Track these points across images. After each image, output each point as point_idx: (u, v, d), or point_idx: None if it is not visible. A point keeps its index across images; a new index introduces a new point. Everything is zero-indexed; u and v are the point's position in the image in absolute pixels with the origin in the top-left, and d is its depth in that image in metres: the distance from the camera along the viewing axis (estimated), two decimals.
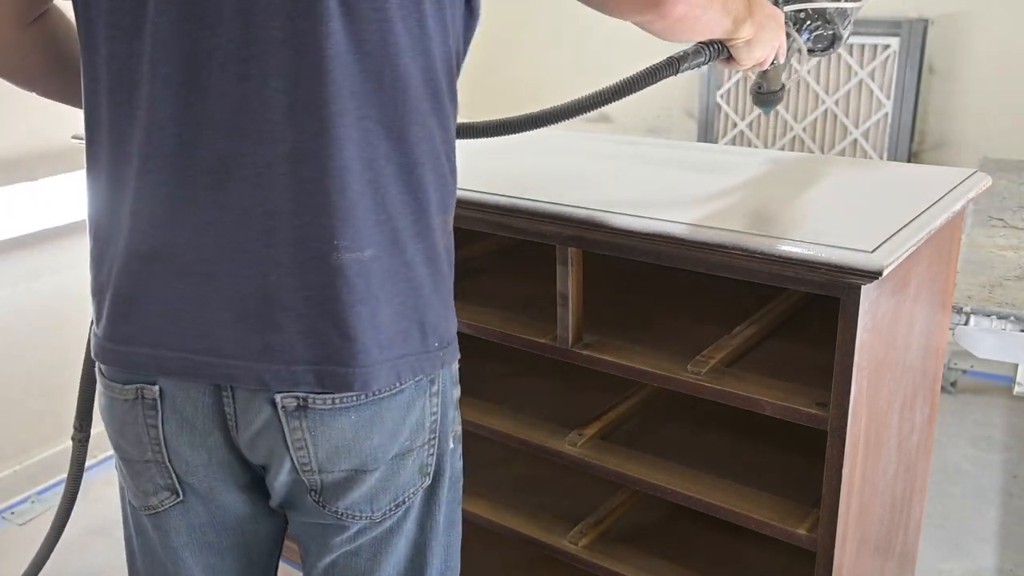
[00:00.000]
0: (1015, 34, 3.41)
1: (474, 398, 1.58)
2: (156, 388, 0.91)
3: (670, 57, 1.19)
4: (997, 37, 3.45)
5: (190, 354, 0.88)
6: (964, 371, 2.93)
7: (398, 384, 0.90)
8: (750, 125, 4.00)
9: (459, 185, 1.40)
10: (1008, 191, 2.84)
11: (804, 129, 3.88)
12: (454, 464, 1.05)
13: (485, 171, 1.50)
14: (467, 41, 0.97)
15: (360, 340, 0.86)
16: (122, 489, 1.04)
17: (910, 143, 3.61)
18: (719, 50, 1.20)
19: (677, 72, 1.19)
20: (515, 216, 1.32)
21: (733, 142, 4.04)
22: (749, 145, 4.00)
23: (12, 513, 2.35)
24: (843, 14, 1.37)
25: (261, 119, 0.83)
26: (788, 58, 1.35)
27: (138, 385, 0.92)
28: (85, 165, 0.93)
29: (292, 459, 0.91)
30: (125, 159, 0.88)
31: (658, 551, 1.49)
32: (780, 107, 3.87)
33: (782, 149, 3.99)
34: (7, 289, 2.28)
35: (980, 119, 3.56)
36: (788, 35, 1.31)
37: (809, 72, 3.78)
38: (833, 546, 1.18)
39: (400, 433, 0.93)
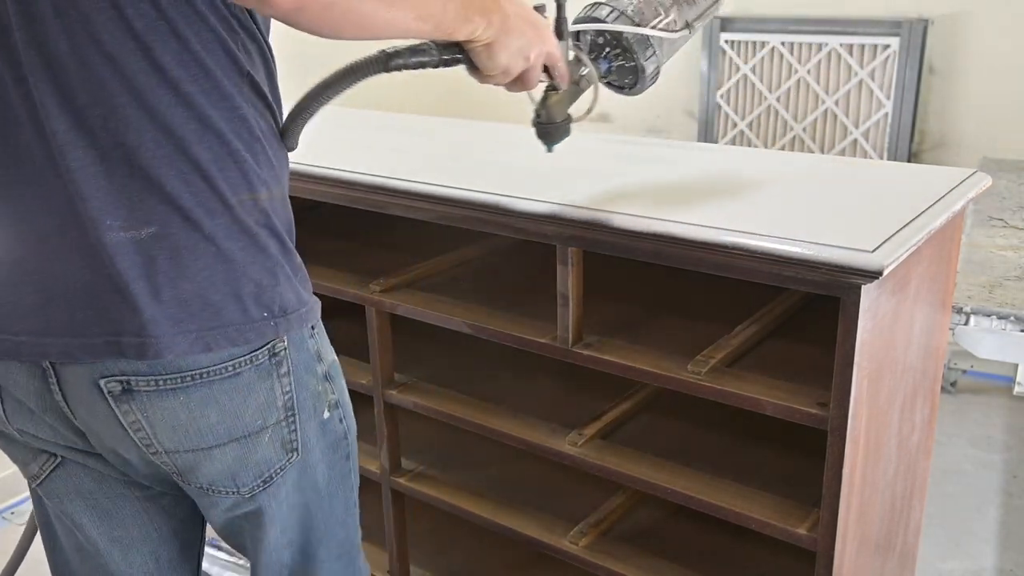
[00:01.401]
0: (1015, 34, 3.41)
1: (474, 398, 1.58)
2: None
3: (381, 50, 1.02)
4: (997, 37, 3.45)
5: (9, 335, 0.94)
6: (964, 371, 2.94)
7: (227, 364, 0.93)
8: (750, 125, 4.00)
9: (458, 185, 1.41)
10: (1008, 191, 2.84)
11: (804, 129, 3.88)
12: (332, 429, 1.06)
13: (485, 170, 1.50)
14: (259, 18, 0.96)
15: (147, 312, 0.90)
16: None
17: (910, 143, 3.61)
18: (453, 51, 1.02)
19: (387, 70, 1.02)
20: (515, 216, 1.32)
21: (733, 142, 4.04)
22: (749, 145, 3.99)
23: (12, 513, 2.35)
24: (643, 44, 1.17)
25: (35, 113, 0.88)
26: (579, 88, 1.18)
27: None
28: None
29: (134, 441, 0.95)
30: None
31: (658, 551, 1.49)
32: (780, 107, 3.87)
33: (782, 149, 3.99)
34: None
35: (980, 119, 3.56)
36: (580, 62, 1.17)
37: (809, 72, 3.78)
38: (833, 546, 1.18)
39: (243, 414, 0.96)
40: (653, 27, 1.16)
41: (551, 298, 1.34)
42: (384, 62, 1.01)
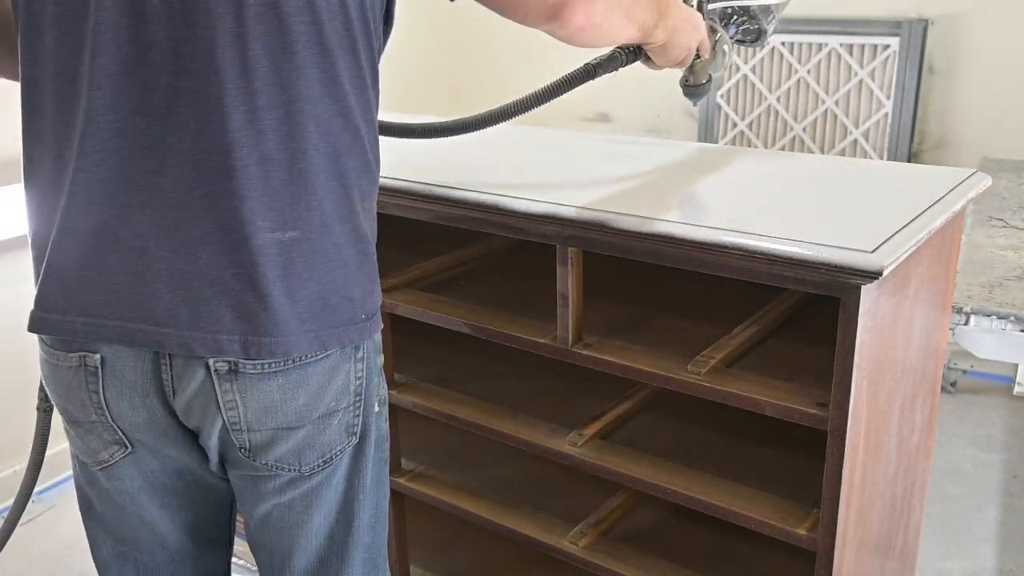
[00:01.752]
0: (1015, 34, 3.42)
1: (474, 398, 1.58)
2: (97, 356, 0.99)
3: (587, 64, 1.28)
4: (997, 37, 3.45)
5: (125, 322, 0.96)
6: (964, 371, 2.94)
7: (323, 351, 0.99)
8: (750, 125, 4.00)
9: (457, 185, 1.41)
10: (1008, 191, 2.84)
11: (804, 129, 3.88)
12: (379, 426, 1.12)
13: (485, 170, 1.50)
14: (386, 40, 1.06)
15: (280, 312, 0.95)
16: (72, 454, 1.12)
17: (910, 143, 3.61)
18: (636, 54, 1.28)
19: (594, 77, 1.28)
20: (515, 216, 1.32)
21: (733, 142, 4.04)
22: (749, 145, 4.00)
23: None
24: (766, 10, 1.43)
25: (196, 111, 0.91)
26: (716, 53, 1.42)
27: (80, 353, 0.99)
28: (24, 146, 1.00)
29: (224, 418, 0.99)
30: (66, 142, 0.95)
31: (658, 551, 1.49)
32: (780, 107, 3.87)
33: (782, 149, 3.99)
34: (7, 290, 2.27)
35: (980, 119, 3.56)
36: (715, 31, 1.40)
37: (809, 72, 3.78)
38: (833, 546, 1.18)
39: (325, 395, 1.01)
40: None
41: (551, 298, 1.35)
42: (592, 72, 1.28)
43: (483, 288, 1.60)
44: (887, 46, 3.57)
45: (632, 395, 1.56)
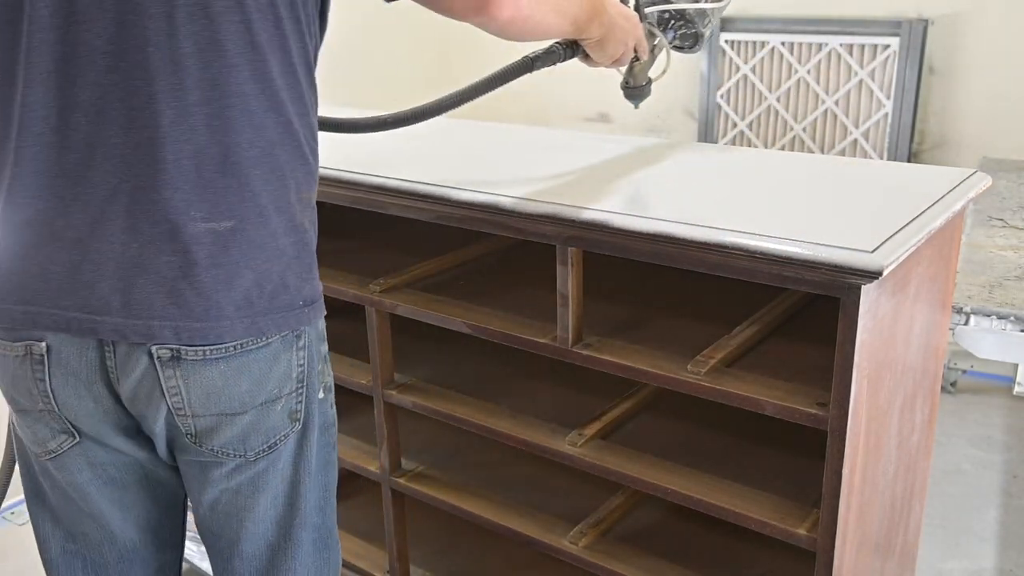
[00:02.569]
0: (1015, 34, 3.42)
1: (474, 398, 1.58)
2: (43, 345, 1.01)
3: (525, 56, 1.32)
4: (997, 37, 3.45)
5: (60, 310, 0.99)
6: (964, 371, 2.94)
7: (264, 338, 1.01)
8: (750, 125, 4.00)
9: (456, 185, 1.41)
10: (1008, 191, 2.84)
11: (804, 129, 3.88)
12: (324, 411, 1.14)
13: (485, 170, 1.50)
14: (322, 37, 1.09)
15: (213, 299, 0.98)
16: (19, 440, 1.14)
17: (910, 143, 3.62)
18: (573, 49, 1.32)
19: (532, 70, 1.31)
20: (515, 216, 1.32)
21: (733, 142, 4.04)
22: (749, 145, 4.00)
23: (12, 513, 2.35)
24: (702, 14, 1.46)
25: (126, 106, 0.94)
26: (654, 55, 1.47)
27: (26, 342, 1.01)
28: None
29: (168, 404, 1.02)
30: (5, 138, 0.98)
31: (658, 551, 1.49)
32: (780, 107, 3.87)
33: (782, 149, 3.99)
34: None
35: (980, 119, 3.56)
36: (653, 35, 1.45)
37: (809, 72, 3.78)
38: (833, 546, 1.18)
39: (267, 381, 1.04)
40: (706, 1, 1.47)
41: (551, 298, 1.34)
42: (530, 66, 1.31)
43: (483, 288, 1.60)
44: (887, 46, 3.57)
45: (632, 395, 1.56)
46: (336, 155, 1.58)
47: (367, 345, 1.60)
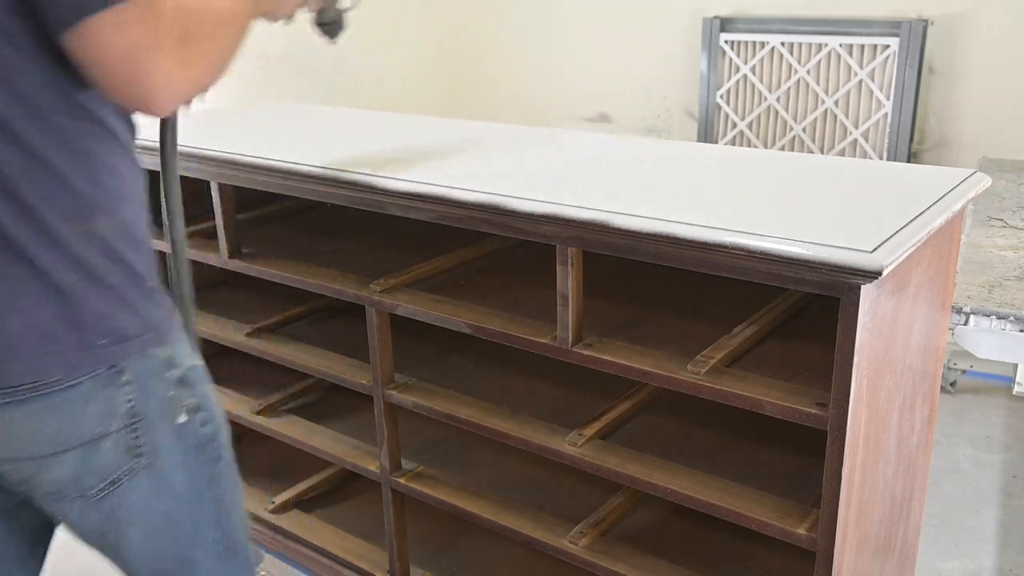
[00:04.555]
0: (1015, 34, 3.42)
1: (474, 398, 1.58)
2: None
3: None
4: (997, 37, 3.45)
5: None
6: (964, 371, 2.94)
7: (65, 379, 0.96)
8: (750, 125, 4.00)
9: (455, 185, 1.41)
10: (1008, 191, 2.84)
11: (804, 129, 3.88)
12: (192, 433, 1.09)
13: (484, 170, 1.50)
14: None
15: None
16: None
17: (910, 143, 3.62)
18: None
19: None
20: (515, 216, 1.32)
21: (733, 142, 4.04)
22: (749, 145, 4.00)
23: None
24: None
25: None
26: None
27: None
28: None
29: None
30: None
31: (658, 551, 1.49)
32: (780, 107, 3.87)
33: (782, 149, 3.99)
34: None
35: (980, 119, 3.57)
36: None
37: (809, 72, 3.78)
38: (833, 546, 1.18)
39: (82, 422, 0.99)
40: None
41: (551, 298, 1.35)
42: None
43: (483, 288, 1.60)
44: (887, 46, 3.57)
45: (632, 395, 1.56)
46: (336, 155, 1.59)
47: (367, 345, 1.60)
